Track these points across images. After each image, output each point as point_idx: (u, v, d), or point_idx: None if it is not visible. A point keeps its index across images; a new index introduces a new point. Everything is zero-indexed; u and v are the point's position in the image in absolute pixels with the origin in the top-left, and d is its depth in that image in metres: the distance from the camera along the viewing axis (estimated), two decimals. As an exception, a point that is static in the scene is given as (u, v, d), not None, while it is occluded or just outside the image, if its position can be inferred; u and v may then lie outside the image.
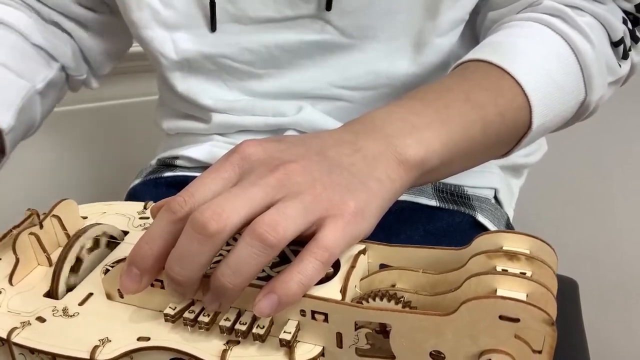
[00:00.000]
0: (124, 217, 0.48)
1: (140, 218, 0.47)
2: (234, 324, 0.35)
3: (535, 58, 0.50)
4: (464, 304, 0.31)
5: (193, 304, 0.37)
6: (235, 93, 0.64)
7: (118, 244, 0.44)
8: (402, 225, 0.61)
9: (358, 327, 0.34)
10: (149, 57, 0.64)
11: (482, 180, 0.67)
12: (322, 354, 0.35)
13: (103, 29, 0.70)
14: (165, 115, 0.71)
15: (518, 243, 0.35)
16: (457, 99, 0.45)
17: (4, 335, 0.38)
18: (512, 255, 0.34)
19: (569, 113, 0.53)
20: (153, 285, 0.38)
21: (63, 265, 0.41)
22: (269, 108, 0.63)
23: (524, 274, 0.33)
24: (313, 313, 0.34)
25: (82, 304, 0.40)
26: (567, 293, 0.83)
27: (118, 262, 0.40)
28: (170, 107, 0.70)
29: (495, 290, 0.33)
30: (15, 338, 0.37)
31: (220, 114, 0.64)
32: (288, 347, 0.35)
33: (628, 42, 0.56)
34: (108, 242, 0.44)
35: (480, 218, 0.64)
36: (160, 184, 0.67)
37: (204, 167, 0.65)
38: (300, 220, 0.34)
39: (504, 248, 0.35)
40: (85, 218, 0.48)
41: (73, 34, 0.68)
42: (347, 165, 0.38)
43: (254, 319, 0.36)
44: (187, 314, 0.36)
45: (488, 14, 0.59)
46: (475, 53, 0.51)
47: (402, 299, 0.35)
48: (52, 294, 0.41)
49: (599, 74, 0.53)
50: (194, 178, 0.37)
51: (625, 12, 0.56)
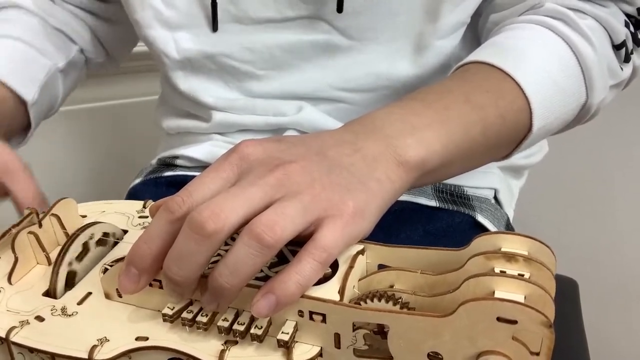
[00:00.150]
0: (123, 215, 0.48)
1: (140, 217, 0.47)
2: (232, 324, 0.35)
3: (537, 60, 0.50)
4: (462, 305, 0.31)
5: (191, 304, 0.37)
6: (236, 93, 0.64)
7: (117, 243, 0.44)
8: (401, 225, 0.61)
9: (356, 327, 0.34)
10: (153, 56, 0.64)
11: (482, 181, 0.67)
12: (320, 355, 0.35)
13: (116, 18, 0.72)
14: (166, 114, 0.71)
15: (517, 244, 0.35)
16: (457, 101, 0.45)
17: (3, 335, 0.38)
18: (510, 257, 0.34)
19: (570, 116, 0.53)
20: (151, 285, 0.38)
21: (62, 264, 0.41)
22: (270, 107, 0.63)
23: (522, 276, 0.33)
24: (311, 314, 0.34)
25: (80, 303, 0.40)
26: (567, 293, 0.83)
27: (117, 261, 0.40)
28: (172, 105, 0.70)
29: (494, 292, 0.33)
30: (14, 337, 0.37)
31: (221, 113, 0.64)
32: (286, 347, 0.35)
33: (630, 45, 0.56)
34: (101, 240, 0.44)
35: (480, 218, 0.64)
36: (161, 184, 0.67)
37: (204, 166, 0.64)
38: (299, 220, 0.34)
39: (503, 249, 0.35)
40: (85, 217, 0.48)
41: (87, 22, 0.71)
42: (346, 166, 0.38)
43: (252, 320, 0.35)
44: (185, 314, 0.36)
45: (490, 16, 0.59)
46: (477, 55, 0.51)
47: (400, 300, 0.35)
48: (50, 293, 0.41)
49: (600, 77, 0.53)
50: (194, 177, 0.37)
51: (627, 15, 0.56)
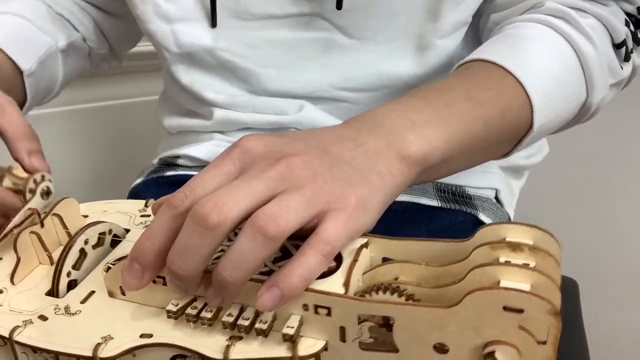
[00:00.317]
0: (125, 215, 0.48)
1: (142, 216, 0.47)
2: (237, 320, 0.35)
3: (538, 58, 0.50)
4: (468, 295, 0.31)
5: (195, 300, 0.37)
6: (237, 89, 0.64)
7: (119, 242, 0.44)
8: (404, 225, 0.61)
9: (361, 320, 0.34)
10: (156, 51, 0.65)
11: (483, 181, 0.67)
12: (325, 349, 0.35)
13: (120, 12, 0.72)
14: (167, 112, 0.71)
15: (521, 234, 0.35)
16: (458, 98, 0.45)
17: (6, 334, 0.37)
18: (515, 246, 0.34)
19: (570, 114, 0.53)
20: (155, 282, 0.37)
21: (64, 263, 0.40)
22: (271, 106, 0.63)
23: (528, 265, 0.33)
24: (316, 307, 0.34)
25: (84, 302, 0.40)
26: (567, 293, 0.83)
27: (119, 260, 0.40)
28: (174, 101, 0.70)
29: (499, 282, 0.33)
30: (18, 337, 0.37)
31: (222, 110, 0.64)
32: (291, 341, 0.34)
33: (630, 44, 0.56)
34: (98, 241, 0.43)
35: (483, 217, 0.64)
36: (162, 184, 0.67)
37: (205, 166, 0.64)
38: (302, 213, 0.34)
39: (507, 239, 0.35)
40: (86, 217, 0.47)
41: (91, 14, 0.71)
42: (348, 160, 0.38)
43: (257, 315, 0.35)
44: (189, 310, 0.36)
45: (491, 16, 0.59)
46: (478, 53, 0.51)
47: (405, 292, 0.34)
48: (53, 293, 0.41)
49: (601, 76, 0.53)
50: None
51: (628, 14, 0.56)
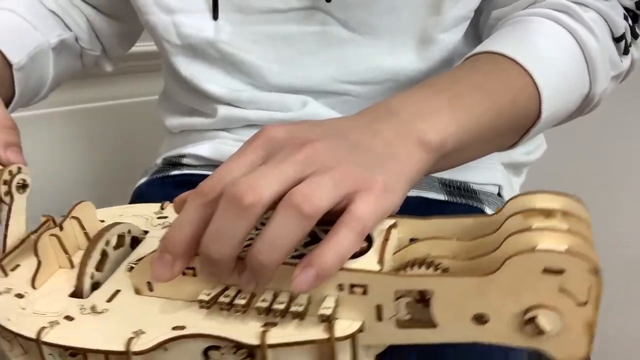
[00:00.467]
0: (142, 218, 0.47)
1: (159, 218, 0.47)
2: (271, 305, 0.35)
3: (544, 50, 0.51)
4: (508, 260, 0.31)
5: (227, 289, 0.36)
6: (239, 83, 0.64)
7: (139, 241, 0.43)
8: None
9: (398, 297, 0.34)
10: (156, 44, 0.65)
11: (486, 177, 0.67)
12: (361, 330, 0.35)
13: (115, 13, 0.72)
14: (169, 112, 0.71)
15: (551, 202, 0.35)
16: (469, 88, 0.45)
17: (33, 336, 0.36)
18: (548, 213, 0.34)
19: (574, 105, 0.54)
20: (184, 274, 0.37)
21: (88, 262, 0.40)
22: (274, 102, 0.63)
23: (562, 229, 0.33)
24: (351, 286, 0.34)
25: (110, 301, 0.39)
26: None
27: (141, 259, 0.40)
28: (175, 100, 0.70)
29: (535, 247, 0.33)
30: (46, 337, 0.36)
31: (225, 106, 0.64)
32: (328, 322, 0.34)
33: (629, 38, 0.58)
34: (119, 242, 0.43)
35: (489, 211, 0.65)
36: (168, 183, 0.67)
37: (212, 164, 0.64)
38: (333, 193, 0.34)
39: (538, 207, 0.35)
40: (103, 222, 0.47)
41: (85, 13, 0.70)
42: (368, 147, 0.38)
43: (291, 299, 0.35)
44: (222, 299, 0.36)
45: (492, 12, 0.60)
46: (485, 46, 0.52)
47: (440, 266, 0.34)
48: (77, 293, 0.40)
49: (603, 68, 0.54)
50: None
51: (626, 9, 0.58)
